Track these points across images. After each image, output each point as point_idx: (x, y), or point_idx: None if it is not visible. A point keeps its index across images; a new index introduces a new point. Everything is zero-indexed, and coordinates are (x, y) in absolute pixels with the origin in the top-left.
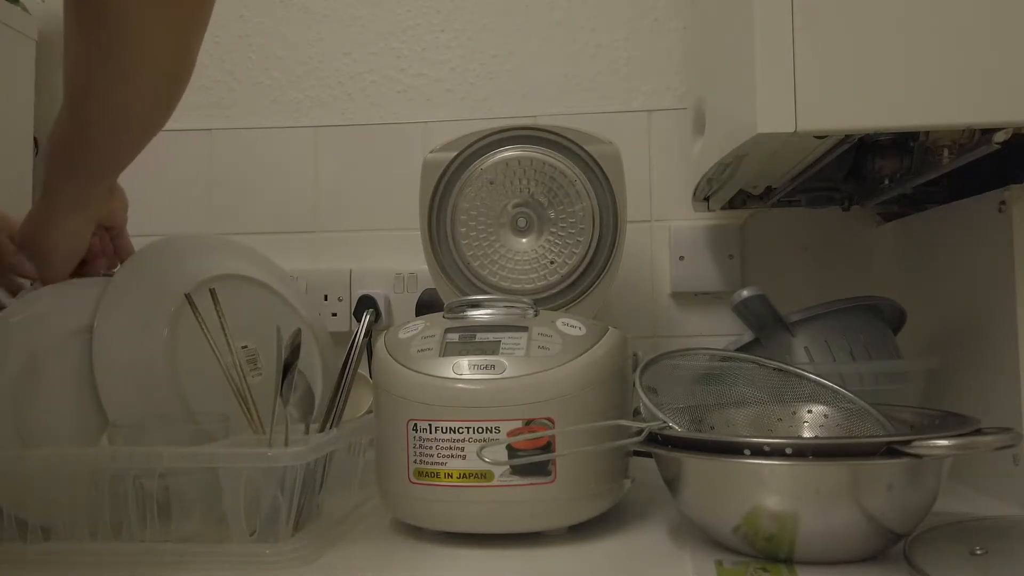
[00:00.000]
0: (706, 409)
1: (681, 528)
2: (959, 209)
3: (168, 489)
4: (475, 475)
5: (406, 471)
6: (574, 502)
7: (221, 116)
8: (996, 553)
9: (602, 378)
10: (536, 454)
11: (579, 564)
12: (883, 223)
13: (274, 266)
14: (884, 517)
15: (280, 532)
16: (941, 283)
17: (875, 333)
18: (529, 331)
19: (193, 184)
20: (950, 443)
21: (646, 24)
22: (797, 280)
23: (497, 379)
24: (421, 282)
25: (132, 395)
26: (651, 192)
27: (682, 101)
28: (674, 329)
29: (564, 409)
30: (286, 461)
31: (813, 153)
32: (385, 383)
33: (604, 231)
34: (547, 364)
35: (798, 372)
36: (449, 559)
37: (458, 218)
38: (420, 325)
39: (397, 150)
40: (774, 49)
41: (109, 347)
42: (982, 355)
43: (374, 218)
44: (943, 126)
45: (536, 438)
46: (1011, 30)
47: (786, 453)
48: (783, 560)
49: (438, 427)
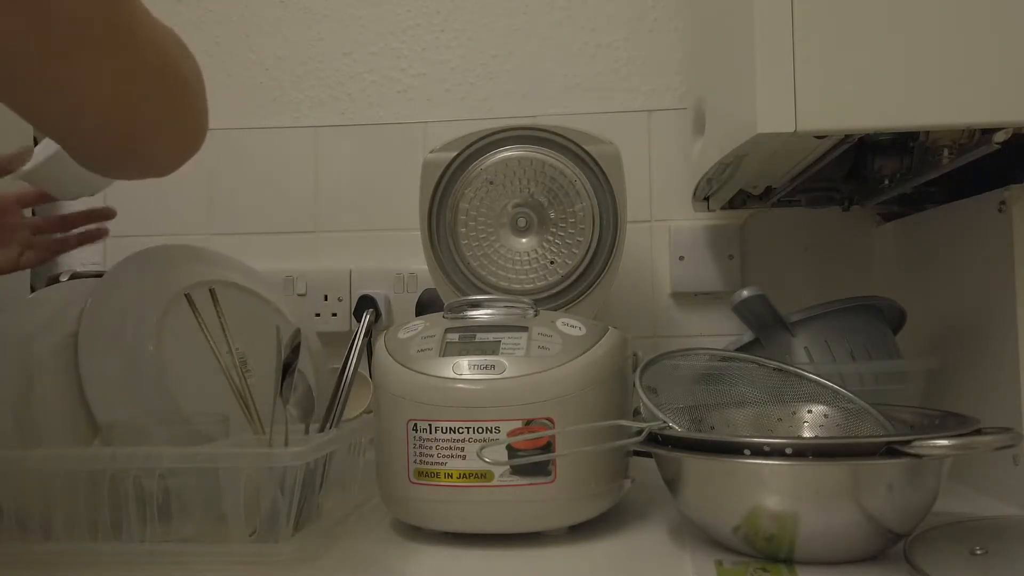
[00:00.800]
0: (706, 409)
1: (681, 528)
2: (959, 209)
3: (168, 489)
4: (475, 475)
5: (406, 471)
6: (574, 502)
7: (221, 116)
8: (996, 553)
9: (602, 378)
10: (536, 454)
11: (580, 564)
12: (883, 223)
13: (258, 274)
14: (884, 517)
15: (280, 532)
16: (941, 283)
17: (875, 333)
18: (529, 331)
19: (193, 184)
20: (950, 443)
21: (646, 24)
22: (797, 280)
23: (497, 379)
24: (421, 282)
25: (122, 403)
26: (651, 192)
27: (682, 101)
28: (674, 329)
29: (564, 409)
30: (286, 461)
31: (813, 153)
32: (385, 383)
33: (604, 231)
34: (547, 364)
35: (798, 372)
36: (449, 559)
37: (458, 218)
38: (420, 325)
39: (397, 150)
40: (774, 49)
41: (94, 358)
42: (982, 355)
43: (374, 218)
44: (943, 126)
45: (536, 438)
46: (1011, 30)
47: (786, 453)
48: (783, 560)
49: (438, 427)
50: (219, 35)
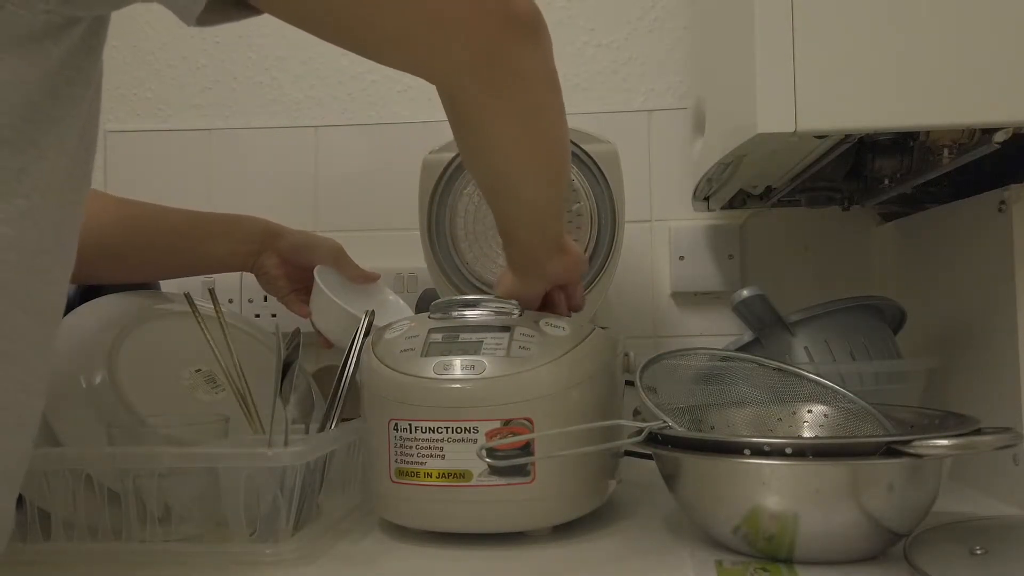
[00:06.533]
0: (706, 409)
1: (681, 528)
2: (959, 209)
3: (168, 489)
4: (454, 475)
5: (388, 470)
6: (555, 502)
7: (221, 116)
8: (996, 553)
9: (586, 378)
10: (517, 454)
11: (580, 564)
12: (883, 223)
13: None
14: (884, 517)
15: (280, 532)
16: (941, 283)
17: (875, 333)
18: (511, 331)
19: (193, 184)
20: (950, 443)
21: (646, 24)
22: (797, 280)
23: (475, 379)
24: (421, 282)
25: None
26: (651, 192)
27: (682, 101)
28: (674, 329)
29: (544, 409)
30: (286, 461)
31: (813, 153)
32: (369, 382)
33: (602, 231)
34: (527, 364)
35: (798, 372)
36: (450, 559)
37: (457, 218)
38: (406, 325)
39: (397, 150)
40: (774, 49)
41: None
42: (982, 355)
43: (374, 218)
44: (943, 126)
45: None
46: (1011, 30)
47: (786, 453)
48: (783, 560)
49: (418, 427)
50: (219, 35)
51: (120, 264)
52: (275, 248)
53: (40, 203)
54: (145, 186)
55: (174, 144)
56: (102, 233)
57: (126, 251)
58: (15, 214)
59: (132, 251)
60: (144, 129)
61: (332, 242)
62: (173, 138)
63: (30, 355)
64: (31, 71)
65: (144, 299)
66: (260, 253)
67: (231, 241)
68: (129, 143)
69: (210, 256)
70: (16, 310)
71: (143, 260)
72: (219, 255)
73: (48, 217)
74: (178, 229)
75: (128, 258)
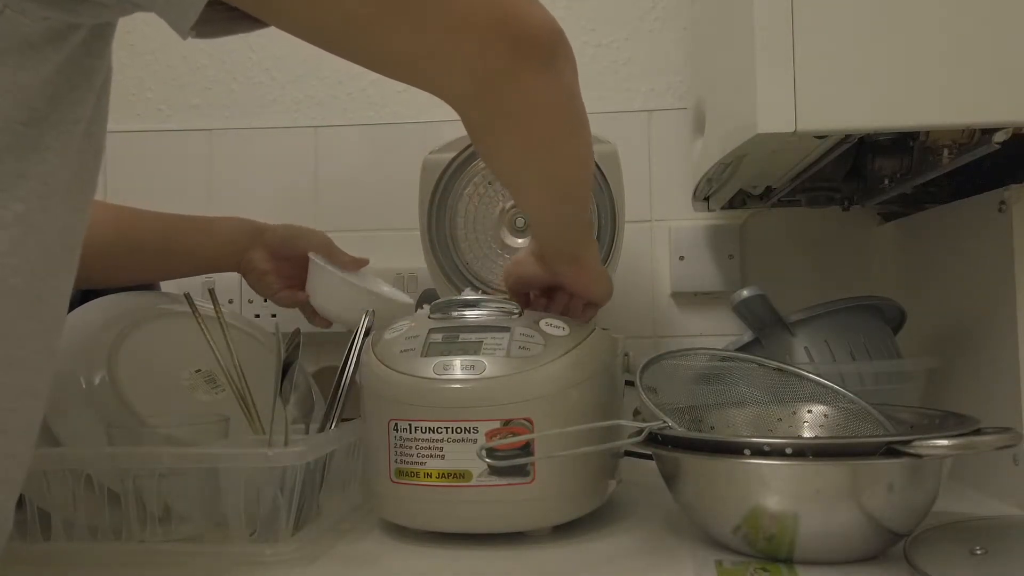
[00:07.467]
0: (706, 409)
1: (681, 528)
2: (959, 209)
3: (168, 489)
4: (454, 475)
5: (387, 471)
6: (554, 502)
7: (221, 116)
8: (996, 553)
9: (585, 378)
10: (516, 454)
11: (580, 564)
12: (883, 223)
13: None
14: (884, 517)
15: (280, 532)
16: (941, 283)
17: (875, 333)
18: (511, 331)
19: (193, 184)
20: (950, 443)
21: (646, 24)
22: (797, 280)
23: (475, 379)
24: (421, 282)
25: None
26: (651, 192)
27: (682, 101)
28: (674, 329)
29: (544, 409)
30: (286, 461)
31: (813, 153)
32: (368, 382)
33: (602, 231)
34: (527, 364)
35: (798, 372)
36: (450, 559)
37: (457, 218)
38: (406, 325)
39: (397, 150)
40: (774, 49)
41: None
42: (982, 355)
43: (374, 218)
44: (943, 126)
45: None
46: (1011, 30)
47: (786, 453)
48: (783, 560)
49: (417, 427)
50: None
51: (110, 267)
52: (262, 243)
53: (41, 207)
54: (145, 186)
55: (174, 144)
56: (91, 236)
57: (116, 253)
58: (11, 218)
59: (122, 253)
60: (144, 129)
61: (321, 233)
62: (173, 138)
63: (37, 360)
64: (31, 76)
65: (144, 299)
66: (247, 250)
67: (216, 241)
68: (129, 143)
69: (196, 257)
70: (24, 316)
71: (132, 262)
72: (206, 255)
73: (51, 222)
74: (163, 231)
75: (119, 258)
